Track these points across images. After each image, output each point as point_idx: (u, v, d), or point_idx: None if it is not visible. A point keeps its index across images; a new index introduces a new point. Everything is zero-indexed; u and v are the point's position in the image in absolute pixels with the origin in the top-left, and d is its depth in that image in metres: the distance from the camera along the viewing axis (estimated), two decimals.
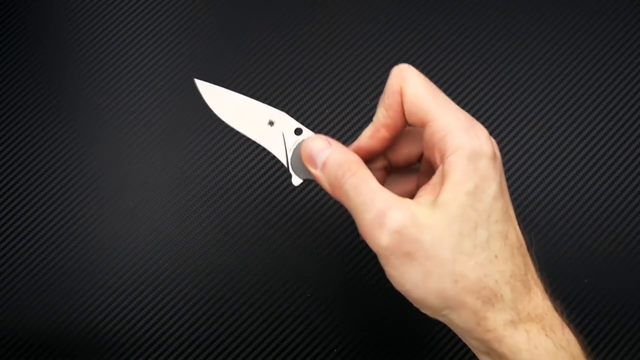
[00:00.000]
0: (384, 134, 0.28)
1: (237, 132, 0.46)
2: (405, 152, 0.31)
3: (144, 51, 0.48)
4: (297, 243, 0.43)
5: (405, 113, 0.27)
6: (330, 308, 0.42)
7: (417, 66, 0.48)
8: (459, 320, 0.25)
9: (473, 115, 0.46)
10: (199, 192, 0.45)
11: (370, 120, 0.29)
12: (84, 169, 0.45)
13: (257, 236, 0.44)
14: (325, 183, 0.27)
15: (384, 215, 0.24)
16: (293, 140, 0.31)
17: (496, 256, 0.25)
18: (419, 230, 0.24)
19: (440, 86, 0.47)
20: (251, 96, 0.46)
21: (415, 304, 0.26)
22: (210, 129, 0.46)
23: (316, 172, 0.28)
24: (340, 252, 0.43)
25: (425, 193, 0.26)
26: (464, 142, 0.25)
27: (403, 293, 0.26)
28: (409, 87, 0.26)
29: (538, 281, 0.27)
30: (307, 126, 0.46)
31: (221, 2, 0.49)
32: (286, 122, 0.31)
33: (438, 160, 0.26)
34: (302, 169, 0.31)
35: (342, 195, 0.26)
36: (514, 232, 0.26)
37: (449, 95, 0.46)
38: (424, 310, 0.26)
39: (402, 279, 0.25)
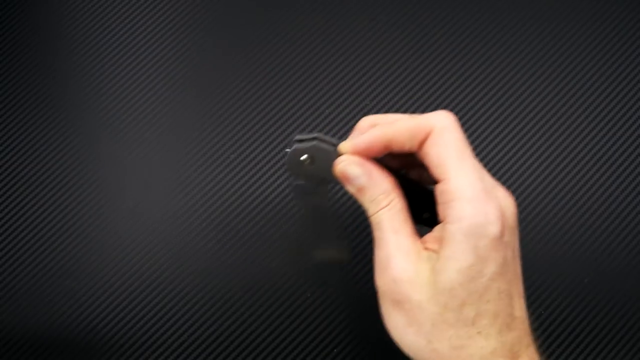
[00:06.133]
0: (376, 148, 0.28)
1: (237, 133, 0.46)
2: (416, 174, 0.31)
3: (144, 51, 0.48)
4: (297, 243, 0.43)
5: (424, 162, 0.27)
6: (330, 308, 0.42)
7: (417, 66, 0.48)
8: None
9: (472, 115, 0.46)
10: (199, 192, 0.45)
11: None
12: (84, 169, 0.45)
13: (257, 236, 0.44)
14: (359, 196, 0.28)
15: (389, 259, 0.26)
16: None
17: (479, 332, 0.24)
18: (411, 287, 0.25)
19: (440, 86, 0.47)
20: (250, 96, 0.46)
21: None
22: (210, 129, 0.46)
23: (352, 189, 0.28)
24: None
25: (431, 245, 0.27)
26: (466, 215, 0.24)
27: (387, 330, 0.27)
28: (437, 145, 0.26)
29: (533, 356, 0.26)
30: (307, 126, 0.46)
31: (221, 2, 0.49)
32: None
33: (441, 218, 0.26)
34: (296, 171, 0.30)
35: (371, 219, 0.27)
36: (509, 310, 0.25)
37: (449, 95, 0.46)
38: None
39: (388, 319, 0.27)
